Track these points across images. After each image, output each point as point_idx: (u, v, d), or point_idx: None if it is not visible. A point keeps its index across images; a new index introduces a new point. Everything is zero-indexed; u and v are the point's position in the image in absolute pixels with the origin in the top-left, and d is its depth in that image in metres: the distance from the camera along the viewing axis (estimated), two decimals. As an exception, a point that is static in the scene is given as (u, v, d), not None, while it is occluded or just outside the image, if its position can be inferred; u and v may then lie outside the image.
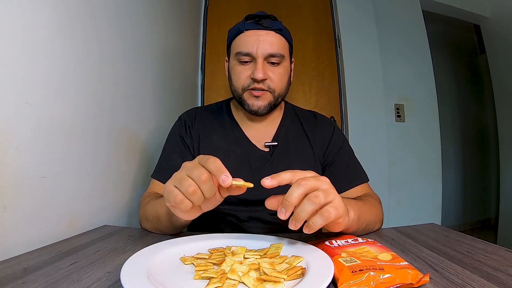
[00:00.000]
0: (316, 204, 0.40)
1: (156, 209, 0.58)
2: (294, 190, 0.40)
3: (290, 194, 0.40)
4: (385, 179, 1.71)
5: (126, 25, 0.86)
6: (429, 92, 1.91)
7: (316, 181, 0.41)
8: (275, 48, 0.71)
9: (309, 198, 0.40)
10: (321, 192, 0.40)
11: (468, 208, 3.06)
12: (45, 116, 0.55)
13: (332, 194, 0.42)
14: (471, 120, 3.15)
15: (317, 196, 0.40)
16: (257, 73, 0.69)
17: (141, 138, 0.94)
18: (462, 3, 2.12)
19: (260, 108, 0.73)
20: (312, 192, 0.41)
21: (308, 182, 0.41)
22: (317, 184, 0.41)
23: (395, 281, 0.34)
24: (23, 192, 0.51)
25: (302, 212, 0.40)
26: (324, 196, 0.40)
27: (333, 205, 0.41)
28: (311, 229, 0.41)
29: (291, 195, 0.40)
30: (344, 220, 0.45)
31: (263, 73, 0.70)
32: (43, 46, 0.55)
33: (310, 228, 0.41)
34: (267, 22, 0.71)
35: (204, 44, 1.75)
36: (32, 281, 0.37)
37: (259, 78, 0.69)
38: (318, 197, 0.40)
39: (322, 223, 0.40)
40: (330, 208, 0.41)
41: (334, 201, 0.41)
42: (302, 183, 0.40)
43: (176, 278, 0.38)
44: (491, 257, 0.45)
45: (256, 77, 0.69)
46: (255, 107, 0.73)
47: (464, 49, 3.23)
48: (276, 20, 0.73)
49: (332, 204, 0.41)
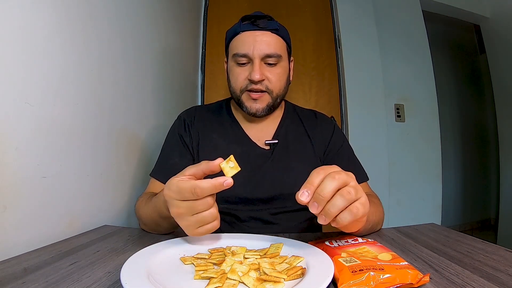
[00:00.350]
0: (348, 200, 0.39)
1: (152, 217, 0.58)
2: (328, 184, 0.39)
3: (324, 188, 0.39)
4: (385, 179, 1.71)
5: (126, 25, 0.86)
6: (429, 92, 1.91)
7: (347, 177, 0.40)
8: (271, 48, 0.70)
9: (342, 194, 0.39)
10: (352, 189, 0.40)
11: (468, 208, 3.06)
12: (45, 116, 0.55)
13: (360, 190, 0.41)
14: (471, 120, 3.15)
15: (350, 192, 0.39)
16: (254, 74, 0.69)
17: (141, 138, 0.94)
18: (462, 3, 2.12)
19: (258, 110, 0.73)
20: (343, 187, 0.40)
21: (341, 177, 0.39)
22: (348, 180, 0.40)
23: (395, 281, 0.34)
24: (23, 192, 0.51)
25: (334, 208, 0.39)
26: (354, 193, 0.39)
27: (361, 201, 0.40)
28: (338, 224, 0.40)
29: (325, 189, 0.38)
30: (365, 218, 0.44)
31: (260, 74, 0.70)
32: (43, 46, 0.55)
33: (338, 223, 0.40)
34: (263, 23, 0.71)
35: (204, 44, 1.75)
36: (32, 281, 0.37)
37: (256, 79, 0.69)
38: (350, 193, 0.39)
39: (351, 220, 0.39)
40: (359, 205, 0.40)
41: (362, 198, 0.41)
42: (336, 177, 0.39)
43: (176, 278, 0.38)
44: (491, 257, 0.45)
45: (253, 78, 0.69)
46: (253, 110, 0.73)
47: (464, 49, 3.23)
48: (273, 20, 0.73)
49: (360, 201, 0.40)
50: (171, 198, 0.43)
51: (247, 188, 0.72)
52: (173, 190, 0.43)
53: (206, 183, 0.40)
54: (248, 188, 0.72)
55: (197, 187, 0.40)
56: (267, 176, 0.73)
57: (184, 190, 0.41)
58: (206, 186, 0.40)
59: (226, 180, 0.40)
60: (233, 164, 0.42)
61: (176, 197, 0.42)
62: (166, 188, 0.44)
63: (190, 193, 0.41)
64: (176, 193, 0.42)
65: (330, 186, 0.39)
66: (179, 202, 0.43)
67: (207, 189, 0.40)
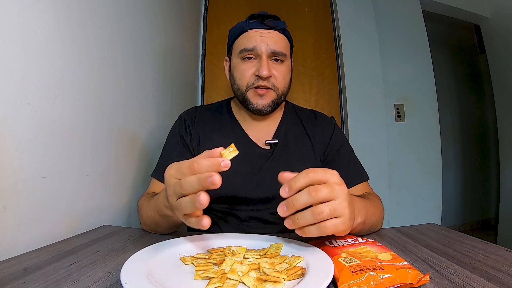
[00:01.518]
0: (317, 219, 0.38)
1: (152, 216, 0.58)
2: (303, 197, 0.38)
3: (298, 199, 0.38)
4: (385, 179, 1.71)
5: (126, 25, 0.86)
6: (429, 92, 1.91)
7: (329, 193, 0.38)
8: (278, 46, 0.71)
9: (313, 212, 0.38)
10: (328, 208, 0.38)
11: (468, 208, 3.06)
12: (45, 116, 0.55)
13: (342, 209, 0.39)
14: (471, 120, 3.15)
15: (322, 211, 0.37)
16: (262, 70, 0.69)
17: (141, 137, 0.94)
18: (462, 3, 2.12)
19: (264, 106, 0.73)
20: (320, 204, 0.38)
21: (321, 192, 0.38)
22: (330, 196, 0.38)
23: (395, 281, 0.34)
24: (23, 192, 0.51)
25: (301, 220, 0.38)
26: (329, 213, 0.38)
27: (340, 220, 0.39)
28: (304, 234, 0.39)
29: (299, 200, 0.38)
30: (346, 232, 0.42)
31: (268, 70, 0.70)
32: (43, 46, 0.55)
33: (303, 233, 0.39)
34: (271, 22, 0.72)
35: (204, 44, 1.75)
36: (32, 281, 0.37)
37: (265, 75, 0.69)
38: (322, 213, 0.37)
39: (317, 235, 0.39)
40: (332, 223, 0.38)
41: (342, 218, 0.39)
42: (313, 194, 0.38)
43: (176, 278, 0.38)
44: (491, 257, 0.45)
45: (262, 74, 0.69)
46: (259, 106, 0.73)
47: (464, 49, 3.23)
48: (279, 20, 0.74)
49: (339, 220, 0.39)
50: (169, 175, 0.42)
51: (247, 188, 0.72)
52: (173, 167, 0.42)
53: (204, 159, 0.39)
54: (248, 188, 0.72)
55: (195, 162, 0.39)
56: (267, 176, 0.73)
57: (183, 165, 0.40)
58: (204, 161, 0.39)
59: (223, 160, 0.38)
60: (232, 149, 0.41)
61: (173, 173, 0.41)
62: (168, 168, 0.43)
63: (188, 168, 0.39)
64: (175, 170, 0.41)
65: (304, 199, 0.38)
66: (173, 179, 0.41)
67: (204, 165, 0.38)
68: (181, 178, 0.40)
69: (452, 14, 2.21)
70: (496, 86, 2.23)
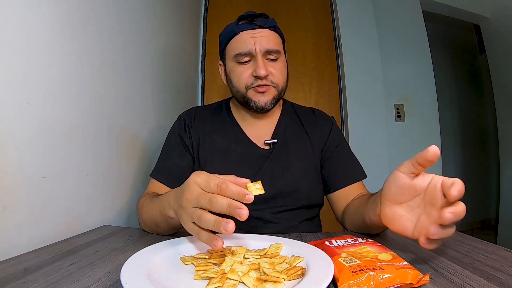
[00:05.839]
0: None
1: (153, 216, 0.58)
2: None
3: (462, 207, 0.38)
4: (385, 179, 1.71)
5: (126, 25, 0.86)
6: (429, 92, 1.91)
7: None
8: (271, 44, 0.72)
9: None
10: None
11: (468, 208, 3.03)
12: (45, 116, 0.55)
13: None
14: (471, 120, 3.15)
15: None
16: (259, 70, 0.70)
17: (141, 137, 0.94)
18: (462, 3, 2.12)
19: (266, 103, 0.73)
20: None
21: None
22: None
23: (395, 281, 0.34)
24: (23, 192, 0.51)
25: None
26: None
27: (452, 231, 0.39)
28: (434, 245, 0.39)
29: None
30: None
31: (265, 70, 0.70)
32: (43, 46, 0.55)
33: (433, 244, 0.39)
34: (261, 21, 0.72)
35: (204, 44, 1.75)
36: (32, 281, 0.37)
37: (262, 75, 0.70)
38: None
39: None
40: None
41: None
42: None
43: (176, 278, 0.38)
44: (491, 257, 0.45)
45: (259, 74, 0.70)
46: (262, 103, 0.73)
47: (464, 49, 3.23)
48: (268, 18, 0.74)
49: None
50: (195, 182, 0.42)
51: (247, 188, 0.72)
52: (202, 177, 0.42)
53: (234, 185, 0.40)
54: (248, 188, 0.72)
55: (224, 183, 0.40)
56: (267, 175, 0.73)
57: (212, 179, 0.41)
58: (233, 187, 0.40)
59: (249, 194, 0.39)
60: (259, 186, 0.43)
61: (201, 183, 0.42)
62: (195, 173, 0.43)
63: (215, 184, 0.40)
64: (203, 179, 0.42)
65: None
66: (198, 188, 0.42)
67: (232, 190, 0.40)
68: (206, 191, 0.41)
69: (452, 14, 2.21)
70: (496, 86, 2.23)
